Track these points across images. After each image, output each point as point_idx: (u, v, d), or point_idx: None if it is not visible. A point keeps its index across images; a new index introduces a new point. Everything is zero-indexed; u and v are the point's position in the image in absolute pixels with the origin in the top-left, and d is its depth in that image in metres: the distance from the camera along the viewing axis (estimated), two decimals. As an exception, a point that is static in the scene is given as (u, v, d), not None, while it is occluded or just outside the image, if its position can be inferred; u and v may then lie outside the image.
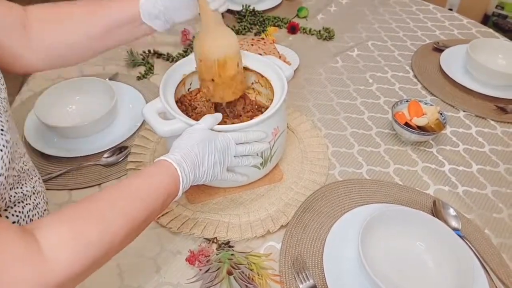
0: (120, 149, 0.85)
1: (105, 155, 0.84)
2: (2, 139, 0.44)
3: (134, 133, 0.89)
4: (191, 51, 1.16)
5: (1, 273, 0.36)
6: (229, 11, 1.34)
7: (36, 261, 0.39)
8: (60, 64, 0.67)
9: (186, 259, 0.66)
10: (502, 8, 2.10)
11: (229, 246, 0.68)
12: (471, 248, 0.66)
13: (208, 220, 0.72)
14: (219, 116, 0.65)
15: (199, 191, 0.76)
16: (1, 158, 0.43)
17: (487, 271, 0.64)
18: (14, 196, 0.52)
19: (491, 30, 1.28)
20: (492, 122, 0.94)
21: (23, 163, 0.55)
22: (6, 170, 0.44)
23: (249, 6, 1.32)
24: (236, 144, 0.63)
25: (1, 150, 0.43)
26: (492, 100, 0.99)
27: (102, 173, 0.81)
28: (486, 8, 2.14)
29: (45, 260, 0.39)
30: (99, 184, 0.79)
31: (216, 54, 0.67)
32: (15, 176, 0.52)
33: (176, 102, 0.71)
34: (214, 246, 0.68)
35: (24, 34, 0.60)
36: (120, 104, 0.93)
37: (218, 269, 0.62)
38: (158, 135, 0.68)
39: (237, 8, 1.33)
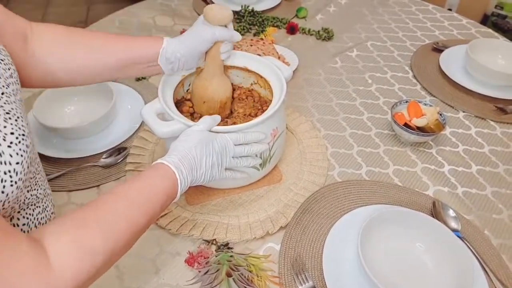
0: (119, 150, 0.85)
1: (104, 156, 0.83)
2: (23, 144, 0.44)
3: (133, 134, 0.89)
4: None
5: (14, 284, 0.37)
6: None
7: (45, 272, 0.39)
8: (60, 84, 0.66)
9: (185, 261, 0.65)
10: (502, 8, 2.10)
11: (228, 248, 0.68)
12: (470, 249, 0.66)
13: (207, 221, 0.71)
14: (217, 117, 0.65)
15: (198, 193, 0.76)
16: (21, 163, 0.44)
17: (486, 272, 0.64)
18: (29, 198, 0.52)
19: (490, 30, 1.28)
20: (492, 123, 0.94)
21: (37, 165, 0.56)
22: (24, 175, 0.44)
23: (248, 6, 1.32)
24: (235, 145, 0.63)
25: (22, 156, 0.44)
26: (492, 101, 0.99)
27: (101, 174, 0.81)
28: (485, 8, 2.14)
29: (54, 271, 0.40)
30: (98, 186, 0.79)
31: (220, 96, 0.73)
32: (31, 178, 0.53)
33: (176, 103, 0.71)
34: (213, 247, 0.68)
35: (25, 47, 0.59)
36: (118, 105, 0.93)
37: (217, 270, 0.62)
38: (157, 136, 0.68)
39: (236, 8, 1.33)
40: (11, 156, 0.43)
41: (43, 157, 0.84)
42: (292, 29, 1.25)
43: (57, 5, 3.12)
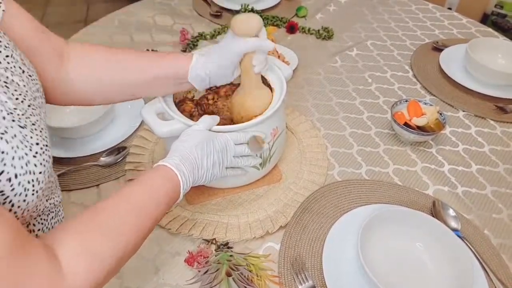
0: (119, 149, 0.85)
1: (104, 156, 0.83)
2: (46, 154, 0.46)
3: (133, 133, 0.89)
4: (189, 51, 1.16)
5: None
6: (227, 10, 1.34)
7: (59, 281, 0.40)
8: (91, 102, 0.66)
9: (185, 260, 0.65)
10: (501, 7, 2.10)
11: (228, 247, 0.68)
12: (470, 249, 0.66)
13: (207, 221, 0.71)
14: (216, 117, 0.65)
15: (198, 192, 0.75)
16: (43, 173, 0.45)
17: (486, 271, 0.64)
18: (47, 207, 0.53)
19: (490, 30, 1.28)
20: (492, 122, 0.94)
21: (54, 173, 0.57)
22: (45, 184, 0.45)
23: (247, 5, 1.32)
24: (235, 144, 0.63)
25: (44, 166, 0.45)
26: (492, 100, 0.99)
27: (101, 174, 0.81)
28: (485, 7, 2.14)
29: (66, 279, 0.41)
30: (98, 185, 0.79)
31: (256, 112, 0.69)
32: (49, 187, 0.53)
33: (178, 103, 0.71)
34: (213, 247, 0.68)
35: (60, 65, 0.60)
36: (118, 105, 0.93)
37: (217, 270, 0.62)
38: (157, 136, 0.68)
39: (236, 7, 1.33)
40: (35, 165, 0.44)
41: (42, 157, 0.84)
42: (292, 28, 1.25)
43: (57, 4, 3.12)
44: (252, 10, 1.31)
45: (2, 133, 0.41)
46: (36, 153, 0.44)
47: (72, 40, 1.18)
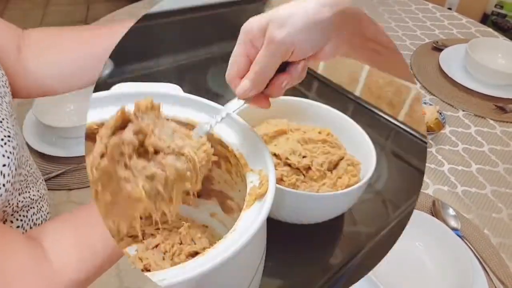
0: (119, 149, 0.85)
1: (104, 155, 0.83)
2: (9, 145, 0.43)
3: (133, 133, 0.89)
4: (189, 51, 1.16)
5: (11, 284, 0.37)
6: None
7: (44, 271, 0.39)
8: (58, 91, 0.63)
9: (185, 260, 0.65)
10: (501, 7, 2.10)
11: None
12: (470, 248, 0.66)
13: (207, 220, 0.71)
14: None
15: (198, 191, 0.75)
16: (8, 166, 0.42)
17: (486, 271, 0.64)
18: (22, 202, 0.51)
19: (490, 30, 1.28)
20: (492, 122, 0.94)
21: (29, 167, 0.55)
22: (13, 177, 0.43)
23: (248, 5, 1.32)
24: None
25: (8, 157, 0.43)
26: (492, 100, 0.99)
27: (101, 173, 0.81)
28: (485, 7, 2.14)
29: (53, 269, 0.39)
30: (98, 184, 0.79)
31: None
32: (22, 181, 0.52)
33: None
34: (213, 246, 0.68)
35: (19, 58, 0.57)
36: (118, 104, 0.93)
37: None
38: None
39: (236, 7, 1.33)
40: None
41: (42, 156, 0.84)
42: (292, 28, 1.25)
43: (57, 4, 3.12)
44: (252, 10, 1.31)
45: None
46: None
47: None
